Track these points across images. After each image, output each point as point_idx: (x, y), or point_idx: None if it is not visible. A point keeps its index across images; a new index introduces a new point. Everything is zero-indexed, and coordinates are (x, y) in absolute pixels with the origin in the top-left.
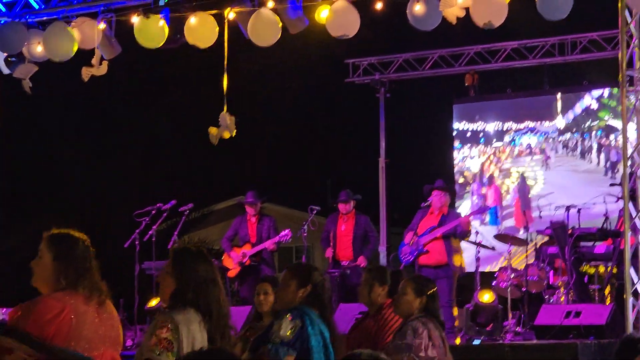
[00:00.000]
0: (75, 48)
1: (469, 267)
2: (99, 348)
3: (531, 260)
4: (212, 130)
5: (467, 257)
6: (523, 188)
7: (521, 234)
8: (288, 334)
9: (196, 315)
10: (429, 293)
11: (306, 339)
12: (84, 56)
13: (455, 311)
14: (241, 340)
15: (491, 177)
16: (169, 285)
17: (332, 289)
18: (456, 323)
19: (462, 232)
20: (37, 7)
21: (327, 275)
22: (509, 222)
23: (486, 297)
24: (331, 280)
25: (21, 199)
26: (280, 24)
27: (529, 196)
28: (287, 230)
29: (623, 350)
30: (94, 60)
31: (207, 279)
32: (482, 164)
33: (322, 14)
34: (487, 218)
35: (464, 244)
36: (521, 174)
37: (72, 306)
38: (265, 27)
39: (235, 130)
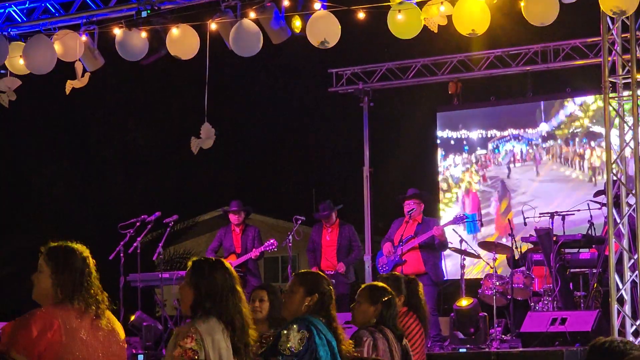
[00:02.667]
0: (55, 60)
1: (455, 275)
2: None
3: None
4: (195, 139)
5: (452, 265)
6: (504, 195)
7: (503, 241)
8: (297, 345)
9: (219, 324)
10: (384, 300)
11: (314, 349)
12: (66, 69)
13: None
14: None
15: (469, 185)
16: (188, 296)
17: None
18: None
19: (440, 244)
20: (19, 19)
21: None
22: (490, 230)
23: (464, 302)
24: None
25: (4, 214)
26: (262, 35)
27: (511, 203)
28: (272, 240)
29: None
30: (77, 73)
31: (225, 287)
32: (465, 173)
33: (296, 24)
34: (465, 226)
35: (449, 251)
36: (501, 181)
37: (63, 321)
38: (247, 38)
39: (213, 141)
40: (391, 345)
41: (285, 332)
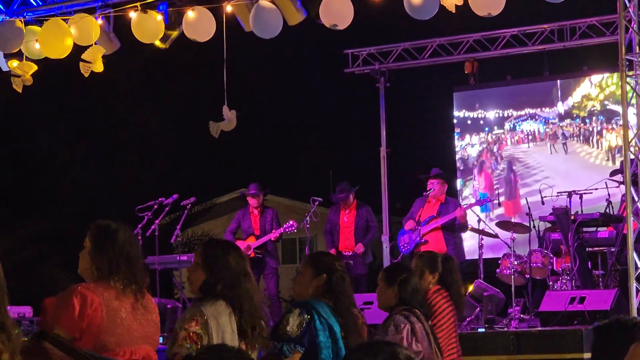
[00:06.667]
0: (71, 44)
1: (472, 255)
2: (130, 344)
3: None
4: (213, 123)
5: (470, 245)
6: (508, 177)
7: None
8: (295, 329)
9: (226, 307)
10: (400, 280)
11: (314, 334)
12: (82, 53)
13: None
14: None
15: (482, 164)
16: (198, 277)
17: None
18: None
19: (460, 225)
20: (34, 3)
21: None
22: (500, 210)
23: (469, 289)
24: None
25: (21, 198)
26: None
27: (524, 182)
28: (292, 221)
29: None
30: (91, 56)
31: (238, 271)
32: (481, 152)
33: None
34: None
35: (467, 232)
36: (508, 162)
37: (104, 300)
38: (268, 19)
39: (235, 124)
40: (425, 326)
41: (286, 315)
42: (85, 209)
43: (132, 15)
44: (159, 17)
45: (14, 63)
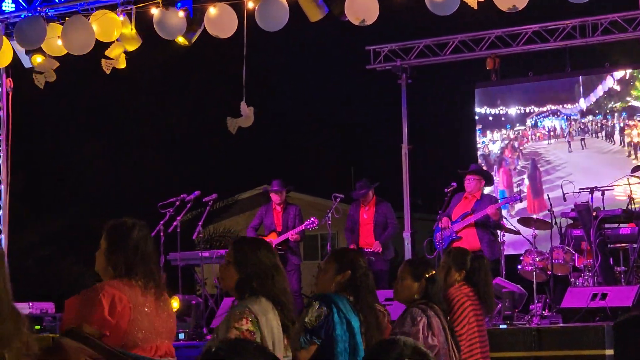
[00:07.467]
0: (93, 41)
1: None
2: (155, 340)
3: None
4: (231, 119)
5: None
6: (533, 174)
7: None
8: (313, 321)
9: (267, 303)
10: (427, 276)
11: (331, 327)
12: (104, 49)
13: None
14: None
15: (501, 160)
16: (231, 275)
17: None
18: None
19: (494, 223)
20: (56, 0)
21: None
22: (520, 206)
23: None
24: None
25: (42, 194)
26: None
27: (545, 179)
28: (313, 218)
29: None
30: (113, 53)
31: (270, 266)
32: (503, 148)
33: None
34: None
35: None
36: (532, 159)
37: (130, 296)
38: (272, 11)
39: (252, 120)
40: (442, 321)
41: (306, 308)
42: (106, 206)
43: (154, 11)
44: (181, 14)
45: (38, 59)
